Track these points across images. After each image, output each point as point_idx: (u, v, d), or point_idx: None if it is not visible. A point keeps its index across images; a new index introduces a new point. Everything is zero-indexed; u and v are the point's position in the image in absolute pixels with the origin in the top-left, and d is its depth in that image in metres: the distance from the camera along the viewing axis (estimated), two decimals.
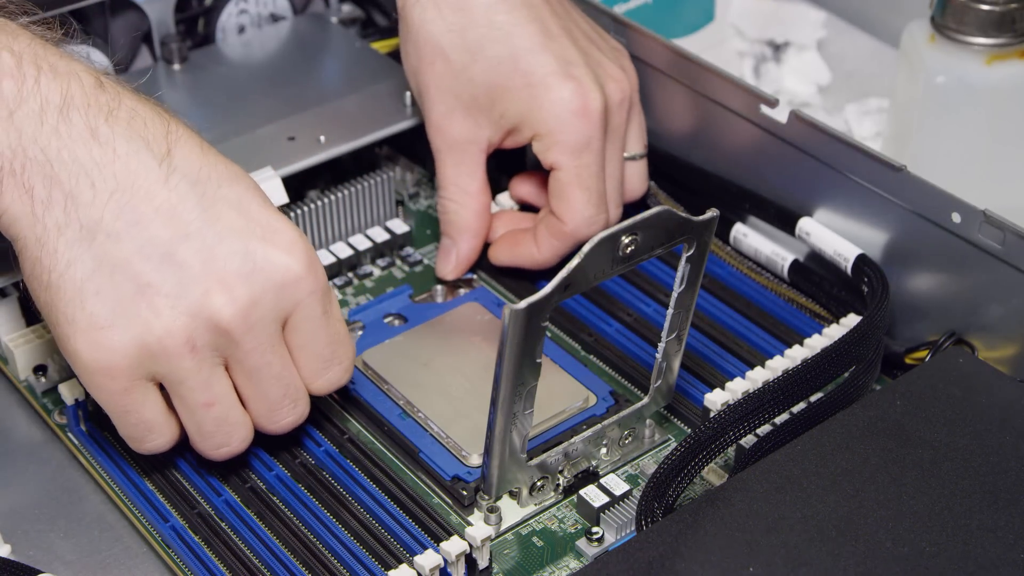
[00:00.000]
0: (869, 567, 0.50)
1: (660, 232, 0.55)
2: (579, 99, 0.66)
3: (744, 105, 0.70)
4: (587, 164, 0.67)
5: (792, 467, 0.54)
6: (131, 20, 0.80)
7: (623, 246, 0.54)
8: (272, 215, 0.56)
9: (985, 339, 0.63)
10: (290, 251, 0.55)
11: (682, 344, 0.59)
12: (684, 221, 0.55)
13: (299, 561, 0.56)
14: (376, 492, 0.59)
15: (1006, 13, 0.73)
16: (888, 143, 0.81)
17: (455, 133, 0.68)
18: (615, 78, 0.68)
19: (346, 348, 0.59)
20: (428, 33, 0.67)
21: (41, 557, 0.58)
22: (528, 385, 0.54)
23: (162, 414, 0.56)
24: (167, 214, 0.54)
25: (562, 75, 0.66)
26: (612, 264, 0.54)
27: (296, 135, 0.73)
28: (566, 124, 0.66)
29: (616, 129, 0.68)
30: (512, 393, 0.54)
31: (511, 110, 0.67)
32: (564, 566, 0.57)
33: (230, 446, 0.57)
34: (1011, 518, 0.52)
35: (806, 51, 0.92)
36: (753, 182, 0.71)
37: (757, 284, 0.70)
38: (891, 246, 0.66)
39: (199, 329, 0.54)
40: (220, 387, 0.55)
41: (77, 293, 0.53)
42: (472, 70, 0.67)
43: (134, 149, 0.54)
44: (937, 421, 0.56)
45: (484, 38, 0.66)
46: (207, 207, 0.54)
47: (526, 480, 0.58)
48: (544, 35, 0.67)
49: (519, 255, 0.70)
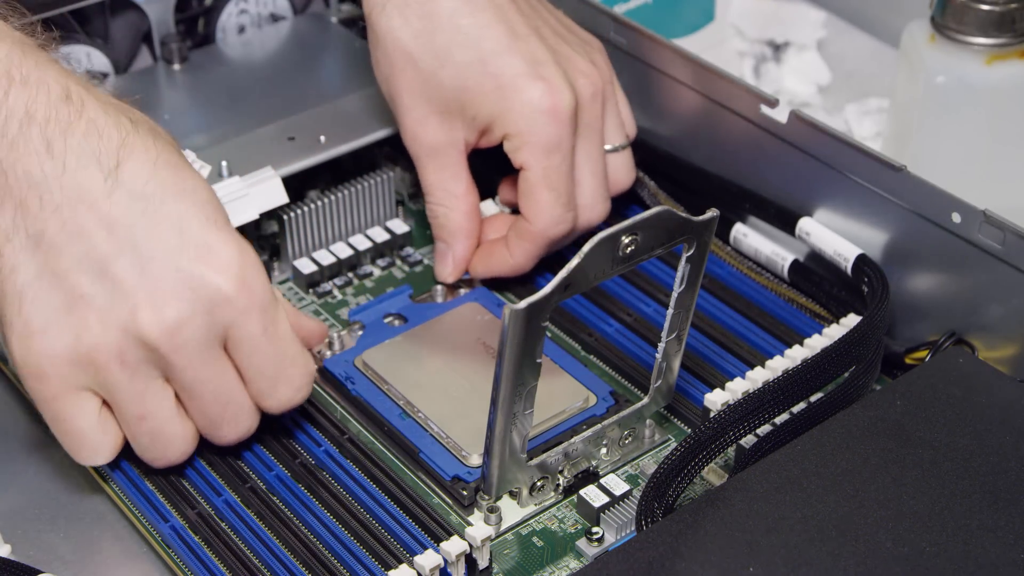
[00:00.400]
0: (869, 567, 0.50)
1: (660, 232, 0.55)
2: (549, 99, 0.66)
3: (744, 105, 0.70)
4: (556, 165, 0.66)
5: (792, 467, 0.54)
6: (131, 20, 0.80)
7: (623, 246, 0.54)
8: (211, 234, 0.55)
9: (985, 339, 0.63)
10: (222, 270, 0.55)
11: (682, 344, 0.59)
12: (684, 221, 0.55)
13: (299, 561, 0.56)
14: (376, 492, 0.59)
15: (1006, 13, 0.73)
16: (888, 143, 0.81)
17: (431, 138, 0.68)
18: (585, 73, 0.68)
19: (296, 367, 0.58)
20: (396, 40, 0.67)
21: (41, 557, 0.58)
22: (528, 385, 0.54)
23: (94, 427, 0.56)
24: (106, 229, 0.54)
25: (531, 76, 0.66)
26: (612, 264, 0.54)
27: (296, 135, 0.73)
28: (536, 124, 0.66)
29: (591, 124, 0.68)
30: (512, 393, 0.54)
31: (482, 112, 0.67)
32: (564, 566, 0.57)
33: (167, 458, 0.58)
34: (1011, 518, 0.52)
35: (806, 51, 0.92)
36: (753, 182, 0.71)
37: (757, 284, 0.70)
38: (891, 246, 0.66)
39: (128, 344, 0.54)
40: (153, 401, 0.56)
41: (16, 297, 0.54)
42: (441, 75, 0.67)
43: (83, 164, 0.54)
44: (937, 421, 0.56)
45: (451, 43, 0.66)
46: (147, 224, 0.54)
47: (526, 480, 0.58)
48: (511, 36, 0.67)
49: (493, 264, 0.70)
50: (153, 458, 0.58)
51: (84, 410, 0.56)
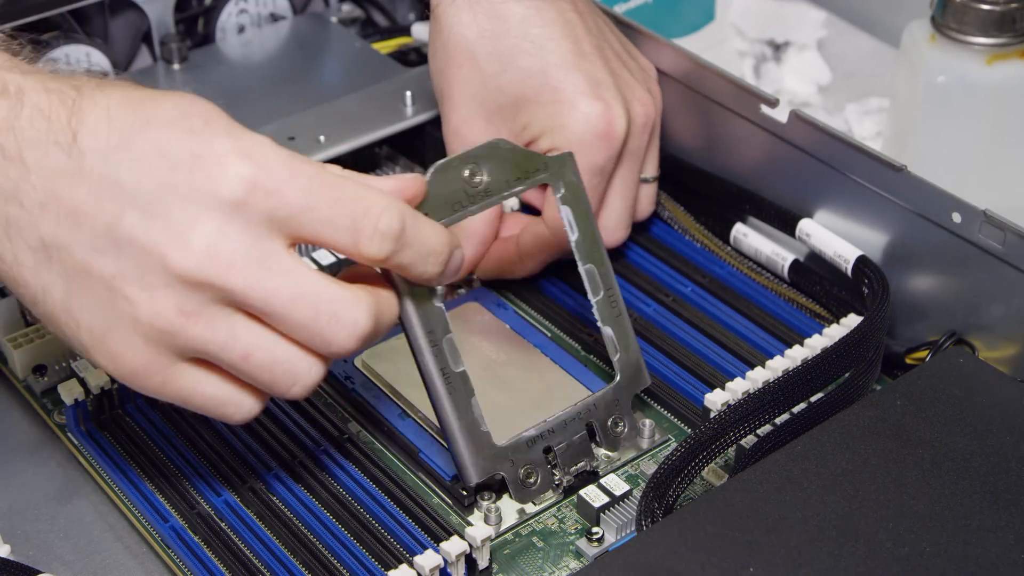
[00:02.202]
0: (869, 567, 0.50)
1: (506, 165, 0.57)
2: (604, 121, 0.66)
3: (744, 105, 0.70)
4: (594, 185, 0.66)
5: (792, 467, 0.54)
6: (131, 20, 0.80)
7: (470, 179, 0.56)
8: (194, 141, 0.49)
9: (985, 339, 0.63)
10: (224, 167, 0.49)
11: (618, 308, 0.59)
12: (527, 154, 0.57)
13: (299, 561, 0.56)
14: (376, 492, 0.59)
15: (1006, 13, 0.73)
16: (888, 143, 0.81)
17: (473, 138, 0.67)
18: (642, 101, 0.68)
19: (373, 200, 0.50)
20: (460, 36, 0.67)
21: (41, 557, 0.58)
22: (441, 334, 0.55)
23: (220, 384, 0.52)
24: (95, 201, 0.49)
25: (590, 95, 0.66)
26: (468, 198, 0.56)
27: (296, 135, 0.73)
28: (587, 145, 0.65)
29: (636, 151, 0.68)
30: (429, 344, 0.55)
31: (535, 123, 0.66)
32: (564, 566, 0.57)
33: (302, 383, 0.52)
34: (1011, 518, 0.52)
35: (806, 51, 0.92)
36: (753, 182, 0.71)
37: (757, 284, 0.70)
38: (891, 246, 0.66)
39: (180, 296, 0.49)
40: (247, 335, 0.50)
41: (67, 315, 0.51)
42: (501, 79, 0.66)
43: (42, 152, 0.50)
44: (937, 421, 0.56)
45: (517, 48, 0.66)
46: (128, 171, 0.49)
47: (508, 468, 0.58)
48: (576, 53, 0.66)
49: (503, 267, 0.70)
50: (287, 387, 0.52)
51: (201, 377, 0.52)
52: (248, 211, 0.49)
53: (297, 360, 0.51)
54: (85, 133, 0.50)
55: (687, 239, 0.73)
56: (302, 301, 0.50)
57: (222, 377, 0.52)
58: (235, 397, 0.52)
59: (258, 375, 0.51)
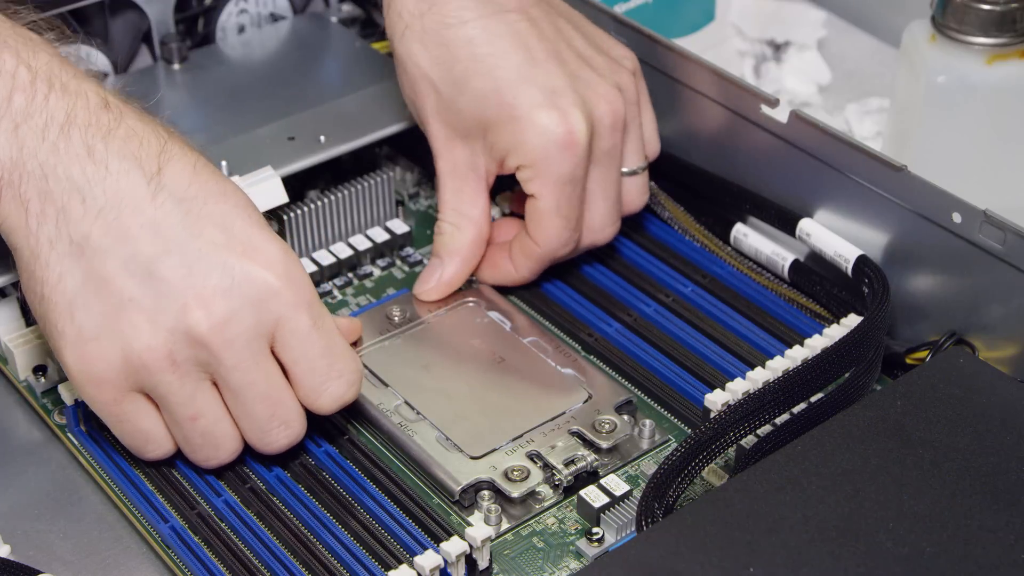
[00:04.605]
0: (869, 567, 0.50)
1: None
2: (563, 130, 0.65)
3: (744, 105, 0.70)
4: (567, 195, 0.66)
5: (792, 467, 0.54)
6: (131, 20, 0.80)
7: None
8: (255, 232, 0.56)
9: (986, 339, 0.63)
10: (269, 266, 0.56)
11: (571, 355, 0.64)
12: None
13: (299, 561, 0.56)
14: (376, 493, 0.59)
15: (1007, 13, 0.73)
16: (888, 143, 0.81)
17: (456, 159, 0.68)
18: (608, 99, 0.67)
19: (346, 361, 0.58)
20: (415, 67, 0.67)
21: (41, 557, 0.58)
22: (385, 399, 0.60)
23: (157, 424, 0.58)
24: (151, 231, 0.55)
25: (546, 106, 0.65)
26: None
27: (296, 135, 0.73)
28: (549, 157, 0.65)
29: (610, 150, 0.67)
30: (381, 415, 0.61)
31: (499, 142, 0.66)
32: (564, 566, 0.57)
33: (218, 458, 0.58)
34: (1011, 518, 0.52)
35: (806, 51, 0.92)
36: (753, 182, 0.71)
37: (757, 284, 0.70)
38: (891, 246, 0.66)
39: (178, 344, 0.55)
40: (204, 401, 0.56)
41: (67, 306, 0.55)
42: (460, 103, 0.66)
43: (125, 168, 0.55)
44: (937, 421, 0.56)
45: (468, 71, 0.66)
46: (190, 224, 0.55)
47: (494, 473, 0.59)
48: (529, 64, 0.66)
49: (498, 275, 0.70)
50: (205, 458, 0.58)
51: (144, 410, 0.57)
52: (264, 309, 0.55)
53: (228, 441, 0.58)
54: (170, 172, 0.56)
55: (687, 239, 0.73)
56: (268, 402, 0.57)
57: (159, 418, 0.57)
58: (160, 439, 0.58)
59: (191, 436, 0.57)
